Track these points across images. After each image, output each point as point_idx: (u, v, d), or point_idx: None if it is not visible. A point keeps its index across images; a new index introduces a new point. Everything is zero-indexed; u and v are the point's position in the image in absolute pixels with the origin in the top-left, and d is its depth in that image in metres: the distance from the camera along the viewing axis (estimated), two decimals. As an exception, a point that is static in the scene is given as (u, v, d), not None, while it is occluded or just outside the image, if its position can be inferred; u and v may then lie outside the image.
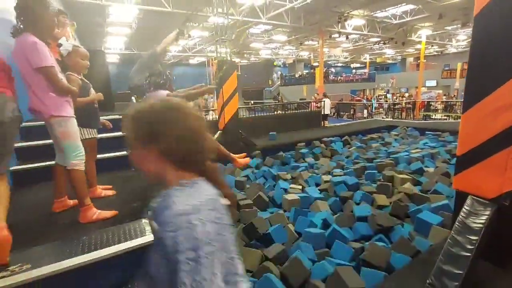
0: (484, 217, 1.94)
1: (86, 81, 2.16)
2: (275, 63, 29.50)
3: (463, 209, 2.05)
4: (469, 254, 1.87)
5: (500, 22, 1.81)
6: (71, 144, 1.80)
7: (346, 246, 2.72)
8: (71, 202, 1.93)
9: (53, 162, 2.45)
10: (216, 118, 10.39)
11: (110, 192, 2.20)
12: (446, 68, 22.08)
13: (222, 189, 0.79)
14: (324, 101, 11.24)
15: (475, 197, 2.04)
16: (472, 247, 1.88)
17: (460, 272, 1.85)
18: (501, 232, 1.98)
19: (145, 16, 13.25)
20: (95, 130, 2.27)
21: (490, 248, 2.00)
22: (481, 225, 1.92)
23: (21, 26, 1.63)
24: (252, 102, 20.53)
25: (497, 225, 1.95)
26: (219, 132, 6.72)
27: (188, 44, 20.60)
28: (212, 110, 13.12)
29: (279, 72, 28.66)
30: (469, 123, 2.07)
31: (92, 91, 2.17)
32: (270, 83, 29.21)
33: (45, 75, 1.66)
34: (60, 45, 1.93)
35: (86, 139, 2.09)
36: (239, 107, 7.40)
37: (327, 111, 11.18)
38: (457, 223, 2.02)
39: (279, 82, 26.19)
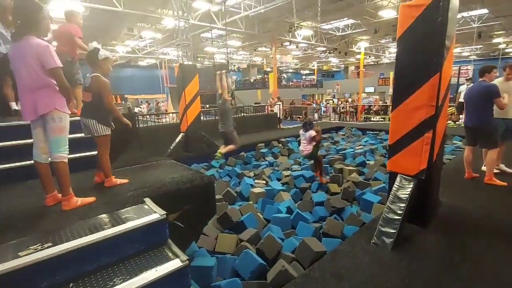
0: (409, 189, 2.58)
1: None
2: (229, 68, 29.92)
3: (394, 185, 2.67)
4: (399, 217, 2.47)
5: (413, 44, 2.47)
6: (63, 138, 1.92)
7: (308, 226, 3.21)
8: (60, 195, 2.02)
9: (24, 163, 2.49)
10: (174, 121, 10.36)
11: (125, 180, 2.36)
12: (382, 77, 25.05)
13: None
14: (279, 104, 11.99)
15: (402, 175, 2.67)
16: (402, 212, 2.49)
17: (394, 231, 2.44)
18: (420, 200, 2.65)
19: (91, 14, 12.50)
20: (110, 128, 2.38)
21: (414, 213, 2.65)
22: (407, 195, 2.55)
23: (22, 29, 1.76)
24: (207, 106, 20.54)
25: (417, 195, 2.61)
26: (181, 134, 6.82)
27: (138, 45, 19.80)
28: (167, 113, 12.92)
29: (234, 77, 29.15)
30: (395, 120, 2.70)
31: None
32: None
33: (55, 75, 1.82)
34: (98, 49, 2.11)
35: (105, 135, 2.25)
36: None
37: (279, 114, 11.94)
38: (390, 196, 2.64)
39: (233, 86, 26.67)
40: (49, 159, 1.91)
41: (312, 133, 4.71)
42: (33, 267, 1.24)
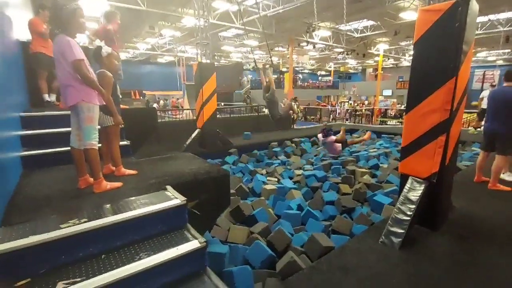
0: (420, 191, 2.61)
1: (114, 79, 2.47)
2: (245, 67, 30.10)
3: (405, 186, 2.71)
4: (408, 218, 2.52)
5: (430, 49, 2.50)
6: (92, 127, 2.10)
7: (318, 223, 3.29)
8: (92, 179, 2.21)
9: (57, 149, 2.72)
10: (189, 117, 10.62)
11: (133, 172, 2.51)
12: (400, 80, 24.51)
13: None
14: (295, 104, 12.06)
15: (413, 177, 2.71)
16: (411, 213, 2.54)
17: (402, 231, 2.49)
18: (431, 203, 2.68)
19: (116, 12, 12.98)
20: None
21: (424, 216, 2.68)
22: (417, 197, 2.59)
23: (56, 30, 1.98)
24: (222, 104, 20.77)
25: (428, 198, 2.64)
26: (197, 130, 7.02)
27: (158, 43, 20.32)
28: (186, 109, 13.23)
29: (249, 76, 29.30)
30: (409, 123, 2.74)
31: (118, 87, 2.50)
32: (240, 85, 29.72)
33: (75, 67, 1.96)
34: (100, 47, 2.28)
35: (110, 126, 2.41)
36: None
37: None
38: (401, 197, 2.68)
39: (249, 85, 26.84)
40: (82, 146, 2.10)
41: (332, 138, 5.39)
42: (72, 238, 1.41)
